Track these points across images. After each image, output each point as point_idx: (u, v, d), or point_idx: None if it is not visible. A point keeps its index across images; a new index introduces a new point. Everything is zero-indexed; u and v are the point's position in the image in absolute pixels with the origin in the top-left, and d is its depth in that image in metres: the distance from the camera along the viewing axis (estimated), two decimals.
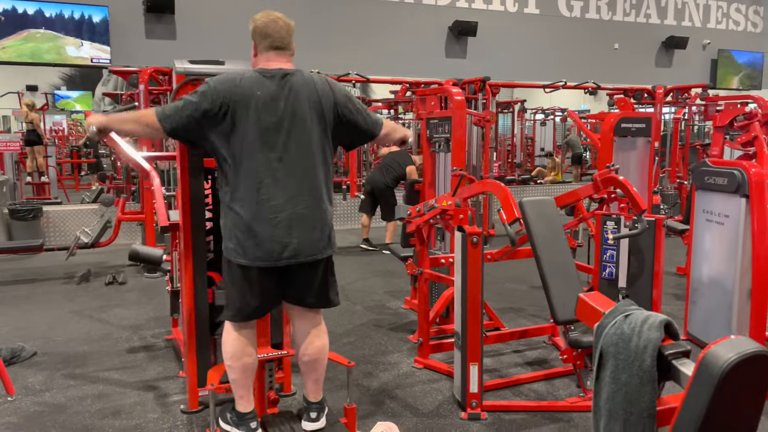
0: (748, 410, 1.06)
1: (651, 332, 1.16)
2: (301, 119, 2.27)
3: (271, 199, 2.22)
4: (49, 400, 3.30)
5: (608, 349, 1.20)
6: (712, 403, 1.01)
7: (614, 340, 1.19)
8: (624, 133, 4.74)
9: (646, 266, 3.52)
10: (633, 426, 1.16)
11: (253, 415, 2.43)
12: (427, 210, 3.45)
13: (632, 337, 1.17)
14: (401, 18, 9.35)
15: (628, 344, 1.17)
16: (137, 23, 7.91)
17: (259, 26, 2.34)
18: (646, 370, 1.14)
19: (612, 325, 1.22)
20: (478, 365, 3.07)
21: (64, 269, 6.30)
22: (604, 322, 1.24)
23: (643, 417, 1.15)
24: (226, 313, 2.37)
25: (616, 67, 10.82)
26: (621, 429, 1.17)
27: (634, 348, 1.16)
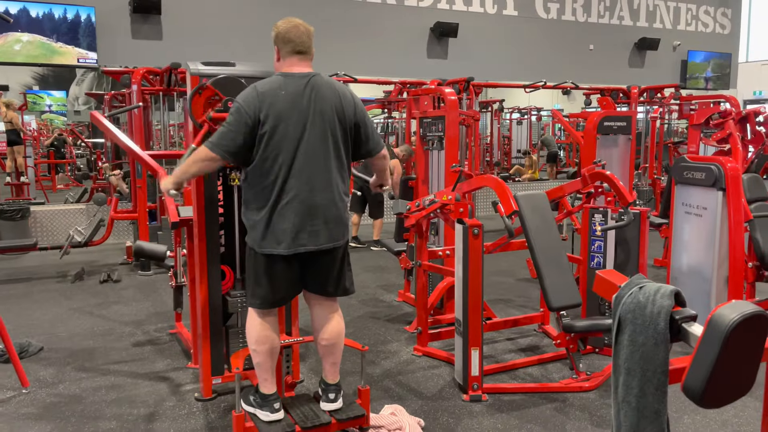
0: (749, 364, 1.25)
1: (663, 300, 1.35)
2: (322, 116, 2.43)
3: (293, 191, 2.39)
4: (64, 392, 3.39)
5: (626, 315, 1.39)
6: (719, 357, 1.20)
7: (631, 308, 1.38)
8: (606, 131, 5.00)
9: (631, 256, 3.75)
10: (649, 381, 1.35)
11: (276, 397, 2.58)
12: (428, 204, 3.63)
13: (647, 304, 1.36)
14: (384, 19, 9.52)
15: (644, 311, 1.36)
16: (124, 23, 7.94)
17: (282, 32, 2.50)
18: (660, 332, 1.33)
19: (629, 295, 1.40)
20: (479, 350, 3.26)
21: (56, 268, 6.33)
22: (621, 293, 1.43)
23: (657, 373, 1.34)
24: (253, 301, 2.52)
25: (592, 68, 11.15)
26: (638, 384, 1.36)
27: (649, 314, 1.35)
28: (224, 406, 3.20)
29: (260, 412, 2.56)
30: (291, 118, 2.39)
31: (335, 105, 2.46)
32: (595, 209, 3.85)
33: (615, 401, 1.43)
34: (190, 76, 3.07)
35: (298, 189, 2.40)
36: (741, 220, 3.76)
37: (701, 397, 1.23)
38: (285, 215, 2.39)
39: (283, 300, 2.56)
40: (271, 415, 2.54)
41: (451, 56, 10.00)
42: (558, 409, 3.17)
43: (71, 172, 15.07)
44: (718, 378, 1.23)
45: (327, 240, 2.46)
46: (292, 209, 2.39)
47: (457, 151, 4.40)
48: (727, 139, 4.54)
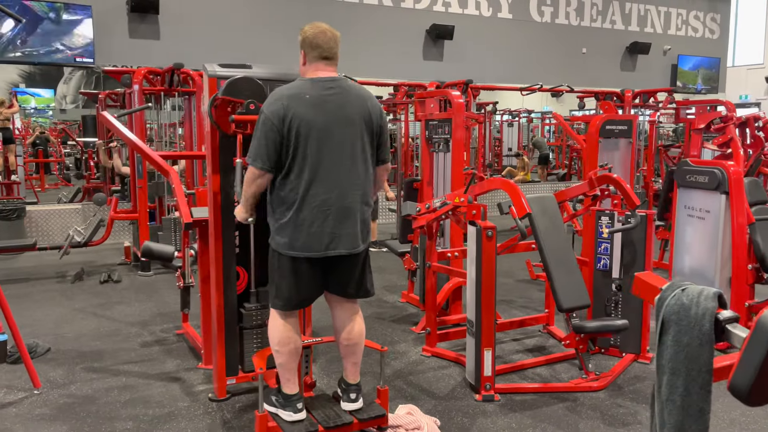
0: None
1: (707, 302, 1.39)
2: (348, 120, 2.46)
3: (322, 195, 2.41)
4: (76, 393, 3.39)
5: (670, 317, 1.43)
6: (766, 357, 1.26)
7: (675, 309, 1.43)
8: (608, 134, 5.07)
9: (638, 258, 3.81)
10: (694, 380, 1.39)
11: (298, 397, 2.60)
12: (439, 206, 3.67)
13: (691, 306, 1.40)
14: (380, 21, 9.57)
15: (689, 312, 1.40)
16: (121, 23, 7.90)
17: (309, 37, 2.52)
18: (705, 333, 1.38)
19: (672, 297, 1.45)
20: (492, 350, 3.30)
21: (55, 268, 6.29)
22: (664, 295, 1.47)
23: (702, 372, 1.38)
24: (276, 303, 2.54)
25: (585, 71, 11.27)
26: (683, 382, 1.40)
27: (693, 315, 1.39)
28: (239, 406, 3.22)
29: (283, 413, 2.59)
30: (316, 123, 2.41)
31: (361, 110, 2.49)
32: (601, 212, 3.91)
33: (658, 400, 1.47)
34: (208, 78, 3.08)
35: (325, 193, 2.42)
36: (744, 223, 3.85)
37: (747, 396, 1.28)
38: (312, 219, 2.42)
39: (306, 301, 2.58)
40: (294, 415, 2.56)
41: (447, 58, 10.07)
42: (570, 408, 3.22)
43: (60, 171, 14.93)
44: (764, 377, 1.28)
45: (353, 244, 2.49)
46: (319, 213, 2.42)
47: (463, 154, 4.44)
48: (728, 143, 4.64)
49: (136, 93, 5.91)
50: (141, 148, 3.73)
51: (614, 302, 3.90)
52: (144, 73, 6.04)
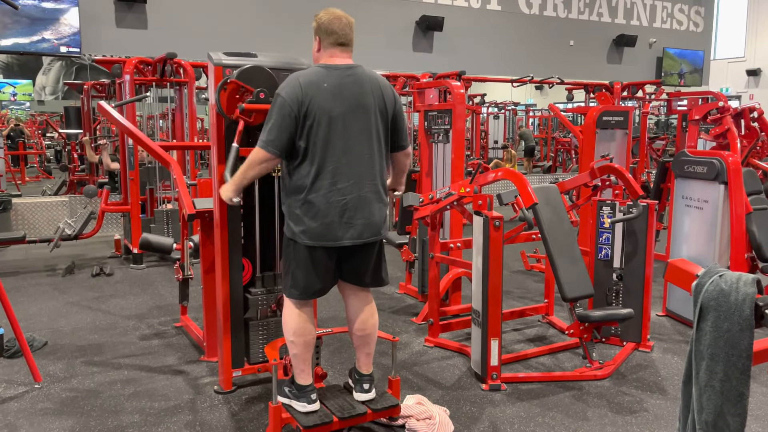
0: None
1: (747, 288, 1.40)
2: (365, 109, 2.44)
3: (338, 183, 2.39)
4: (78, 386, 3.34)
5: (708, 303, 1.44)
6: None
7: (714, 296, 1.43)
8: (605, 125, 5.10)
9: (639, 247, 3.84)
10: (734, 365, 1.40)
11: (312, 388, 2.58)
12: (444, 197, 3.66)
13: (731, 292, 1.41)
14: (369, 12, 9.49)
15: (728, 298, 1.41)
16: (108, 12, 7.75)
17: (324, 23, 2.49)
18: (746, 318, 1.39)
19: (710, 283, 1.46)
20: (499, 340, 3.31)
21: (43, 262, 6.19)
22: (702, 281, 1.48)
23: (742, 357, 1.40)
24: (292, 292, 2.51)
25: (572, 63, 11.32)
26: (723, 368, 1.42)
27: (733, 301, 1.40)
28: (246, 398, 3.19)
29: (296, 403, 2.57)
30: (334, 111, 2.38)
31: (377, 97, 2.47)
32: (603, 202, 3.94)
33: (696, 386, 1.48)
34: (213, 67, 3.03)
35: (342, 182, 2.40)
36: (743, 212, 3.90)
37: None
38: (328, 208, 2.39)
39: (321, 291, 2.56)
40: (308, 406, 2.55)
41: (437, 50, 10.04)
42: (576, 396, 3.24)
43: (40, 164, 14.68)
44: None
45: (370, 233, 2.47)
46: (336, 202, 2.39)
47: (464, 144, 4.44)
48: (725, 134, 4.70)
49: (128, 83, 5.81)
50: (141, 139, 3.66)
51: (615, 292, 3.94)
52: (135, 63, 5.94)
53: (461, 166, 4.43)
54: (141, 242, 4.20)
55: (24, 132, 14.52)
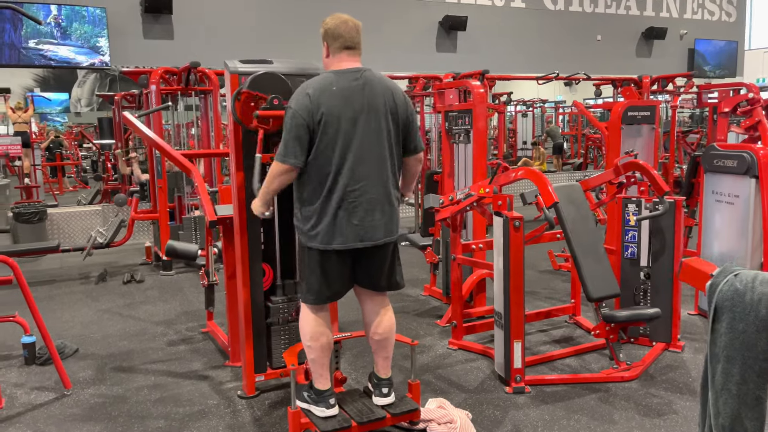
0: None
1: (764, 287, 1.35)
2: (376, 112, 2.43)
3: (348, 186, 2.39)
4: (107, 392, 3.40)
5: (723, 303, 1.39)
6: None
7: (729, 296, 1.38)
8: (631, 121, 5.00)
9: (667, 245, 3.75)
10: (750, 367, 1.35)
11: (330, 392, 2.58)
12: (463, 198, 3.63)
13: (746, 292, 1.36)
14: (392, 14, 9.51)
15: (743, 298, 1.36)
16: (135, 24, 7.92)
17: (331, 28, 2.50)
18: (762, 318, 1.33)
19: (725, 282, 1.41)
20: (522, 342, 3.26)
21: (78, 270, 6.34)
22: (716, 281, 1.43)
23: (759, 359, 1.34)
24: (308, 297, 2.52)
25: (600, 58, 11.14)
26: (739, 370, 1.36)
27: (749, 301, 1.35)
28: (269, 402, 3.21)
29: (315, 408, 2.57)
30: (344, 115, 2.39)
31: (387, 100, 2.46)
32: (628, 199, 3.85)
33: (712, 389, 1.43)
34: (230, 75, 3.06)
35: (352, 185, 2.40)
36: None
37: None
38: (339, 212, 2.40)
39: (336, 295, 2.56)
40: (326, 410, 2.55)
41: (461, 50, 10.00)
42: (602, 399, 3.18)
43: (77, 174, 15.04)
44: None
45: (382, 236, 2.46)
46: (346, 205, 2.39)
47: (485, 144, 4.40)
48: (755, 126, 4.55)
49: (153, 93, 5.91)
50: (163, 147, 3.72)
51: (643, 291, 3.85)
52: (161, 73, 6.04)
53: (483, 166, 4.38)
54: (167, 249, 4.26)
55: (63, 143, 14.90)
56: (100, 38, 7.63)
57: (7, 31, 7.07)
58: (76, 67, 7.89)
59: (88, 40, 7.57)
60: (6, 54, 7.18)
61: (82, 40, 7.54)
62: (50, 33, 7.36)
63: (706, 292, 1.44)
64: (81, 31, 7.52)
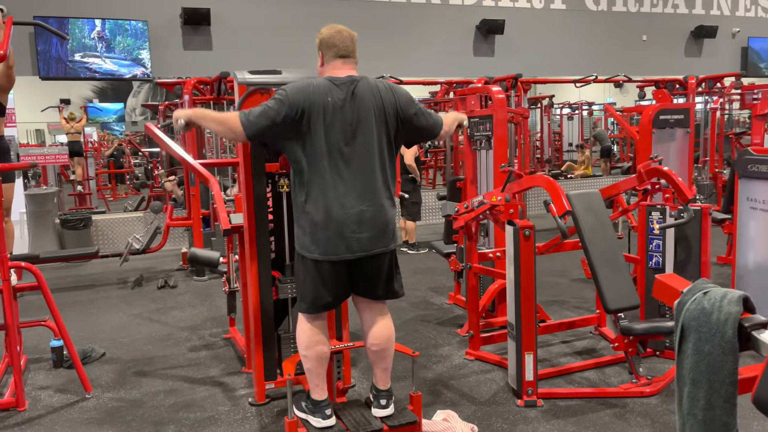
0: None
1: (731, 306, 1.27)
2: (366, 123, 2.42)
3: (340, 198, 2.38)
4: (125, 397, 3.49)
5: (690, 323, 1.31)
6: None
7: (695, 315, 1.30)
8: (663, 124, 4.82)
9: (693, 255, 3.59)
10: (716, 392, 1.27)
11: (327, 403, 2.58)
12: (476, 206, 3.58)
13: (713, 311, 1.28)
14: (428, 19, 9.47)
15: (710, 318, 1.28)
16: (175, 36, 8.16)
17: (326, 38, 2.51)
18: (728, 340, 1.25)
19: (692, 301, 1.33)
20: (533, 354, 3.18)
21: (117, 275, 6.55)
22: (684, 299, 1.35)
23: (725, 384, 1.26)
24: (302, 306, 2.53)
25: (646, 59, 10.79)
26: (705, 395, 1.28)
27: (715, 321, 1.27)
28: (277, 410, 3.23)
29: (312, 418, 2.57)
30: (335, 126, 2.38)
31: (378, 109, 2.44)
32: (652, 207, 3.71)
33: (680, 414, 1.35)
34: (238, 85, 3.11)
35: (345, 195, 2.39)
36: None
37: None
38: (331, 221, 2.39)
39: (331, 304, 2.55)
40: (322, 421, 2.54)
41: (498, 53, 9.86)
42: (617, 415, 3.06)
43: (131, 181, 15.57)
44: None
45: (374, 246, 2.44)
46: (339, 215, 2.39)
47: (506, 151, 4.32)
48: None
49: (186, 103, 6.07)
50: (181, 157, 3.81)
51: None
52: (194, 83, 6.20)
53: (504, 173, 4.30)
54: (189, 257, 4.35)
55: (125, 151, 15.46)
56: (141, 50, 7.88)
57: (54, 45, 7.39)
58: (119, 78, 8.16)
59: (131, 53, 7.83)
60: (54, 67, 7.50)
61: (125, 53, 7.80)
62: (94, 47, 7.65)
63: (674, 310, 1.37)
64: (124, 44, 7.79)
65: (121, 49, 7.78)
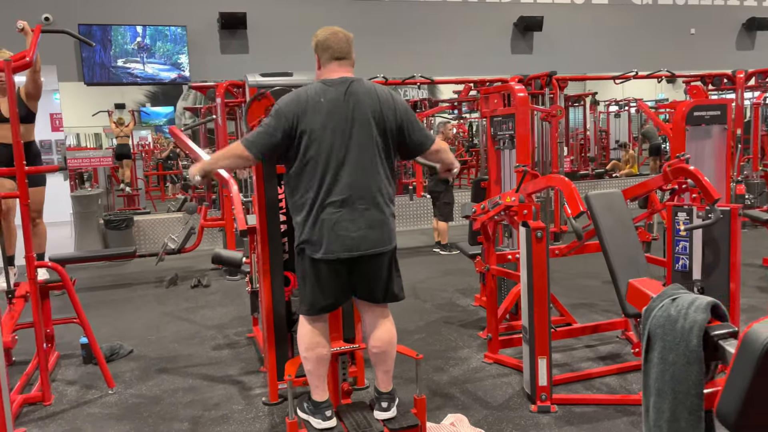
0: None
1: (697, 314, 1.20)
2: (363, 123, 2.41)
3: (335, 196, 2.38)
4: (146, 393, 3.59)
5: (656, 330, 1.26)
6: (754, 381, 1.06)
7: (661, 322, 1.24)
8: (697, 121, 4.63)
9: (721, 257, 3.43)
10: (681, 403, 1.21)
11: (327, 404, 2.58)
12: (492, 207, 3.52)
13: (678, 318, 1.22)
14: (465, 17, 9.38)
15: (675, 326, 1.22)
16: (213, 40, 8.34)
17: (321, 40, 2.52)
18: (692, 350, 1.19)
19: (659, 308, 1.27)
20: (547, 359, 3.10)
21: (155, 274, 6.74)
22: (652, 305, 1.29)
23: (690, 395, 1.20)
24: (301, 308, 2.54)
25: (694, 53, 10.40)
26: (669, 406, 1.22)
27: (680, 329, 1.21)
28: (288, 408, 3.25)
29: (312, 419, 2.58)
30: (329, 126, 2.38)
31: (374, 110, 2.43)
32: (678, 207, 3.56)
33: (646, 425, 1.29)
34: (249, 88, 3.15)
35: (338, 195, 2.38)
36: None
37: (734, 425, 1.08)
38: (325, 221, 2.39)
39: (331, 306, 2.55)
40: (322, 422, 2.54)
41: (537, 51, 9.69)
42: (634, 423, 2.95)
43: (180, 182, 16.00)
44: (754, 403, 1.08)
45: (371, 246, 2.42)
46: (333, 215, 2.38)
47: (528, 150, 4.23)
48: None
49: (219, 105, 6.19)
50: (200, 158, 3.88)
51: None
52: (226, 86, 6.32)
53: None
54: (213, 257, 4.44)
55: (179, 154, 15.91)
56: (180, 55, 8.08)
57: (97, 52, 7.66)
58: (159, 83, 8.42)
59: (170, 57, 8.05)
60: (98, 73, 7.78)
61: (164, 57, 8.02)
62: (135, 53, 7.90)
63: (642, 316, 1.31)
64: (164, 49, 8.01)
65: (161, 54, 8.01)
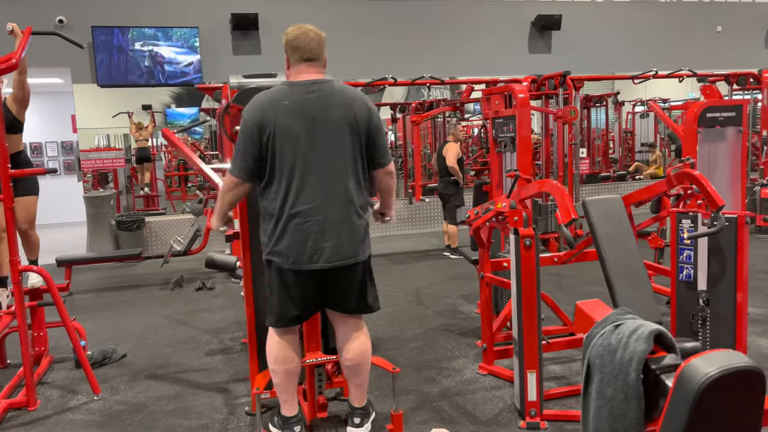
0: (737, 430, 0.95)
1: (638, 344, 1.07)
2: (331, 125, 2.29)
3: (302, 205, 2.27)
4: (131, 400, 3.53)
5: (594, 361, 1.12)
6: (690, 423, 0.92)
7: (600, 352, 1.11)
8: (711, 123, 4.42)
9: (727, 267, 3.23)
10: None
11: (296, 419, 2.48)
12: (484, 212, 3.38)
13: (618, 348, 1.09)
14: (482, 16, 9.22)
15: (614, 356, 1.09)
16: (225, 41, 8.33)
17: (290, 39, 2.41)
18: (631, 384, 1.05)
19: (600, 335, 1.13)
20: (536, 372, 2.95)
21: (162, 276, 6.73)
22: (593, 332, 1.16)
23: None
24: (269, 319, 2.44)
25: (719, 52, 10.07)
26: None
27: (618, 361, 1.08)
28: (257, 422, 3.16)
29: None
30: (294, 130, 2.27)
31: (346, 113, 2.31)
32: (683, 213, 3.37)
33: None
34: (230, 91, 3.07)
35: (306, 203, 2.27)
36: None
37: None
38: (292, 230, 2.28)
39: (298, 318, 2.44)
40: None
41: (555, 50, 9.47)
42: None
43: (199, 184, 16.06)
44: None
45: (341, 258, 2.30)
46: (300, 224, 2.27)
47: (530, 153, 4.08)
48: None
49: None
50: (194, 161, 3.83)
51: (701, 319, 3.35)
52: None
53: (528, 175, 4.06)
54: (206, 261, 4.38)
55: (204, 155, 15.99)
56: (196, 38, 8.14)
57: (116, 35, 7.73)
58: (171, 84, 8.45)
59: (187, 41, 8.09)
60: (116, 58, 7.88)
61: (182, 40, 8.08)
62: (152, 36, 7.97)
63: None
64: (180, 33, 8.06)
65: (177, 38, 8.04)
